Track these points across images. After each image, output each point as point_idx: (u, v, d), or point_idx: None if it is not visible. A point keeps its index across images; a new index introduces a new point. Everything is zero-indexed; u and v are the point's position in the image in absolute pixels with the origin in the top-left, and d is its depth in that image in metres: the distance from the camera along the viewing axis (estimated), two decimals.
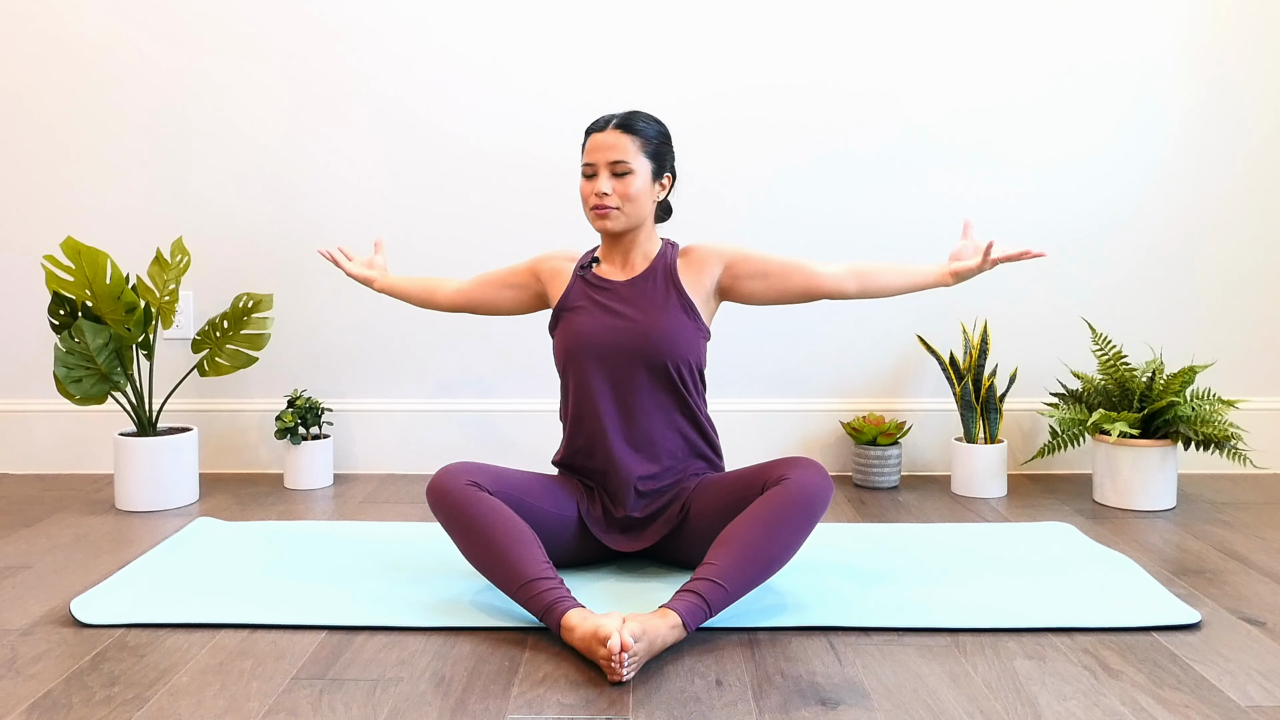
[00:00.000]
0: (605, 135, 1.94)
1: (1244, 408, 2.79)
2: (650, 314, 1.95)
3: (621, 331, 1.95)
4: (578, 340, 1.97)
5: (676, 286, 1.98)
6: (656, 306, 1.96)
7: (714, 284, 2.02)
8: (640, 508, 1.97)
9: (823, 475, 1.78)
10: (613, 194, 1.93)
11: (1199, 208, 2.85)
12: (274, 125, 2.85)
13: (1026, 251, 1.94)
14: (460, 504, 1.77)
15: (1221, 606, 1.82)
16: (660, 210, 2.07)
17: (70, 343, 2.43)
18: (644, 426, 1.96)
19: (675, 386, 1.96)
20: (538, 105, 2.83)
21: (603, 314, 1.97)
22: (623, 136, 1.93)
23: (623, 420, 1.96)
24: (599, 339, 1.95)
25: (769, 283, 2.01)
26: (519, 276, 2.13)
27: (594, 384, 1.96)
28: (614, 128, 1.94)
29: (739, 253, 2.03)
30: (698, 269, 2.01)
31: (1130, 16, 2.81)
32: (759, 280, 2.01)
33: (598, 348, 1.95)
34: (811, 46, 2.82)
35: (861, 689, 1.50)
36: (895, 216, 2.84)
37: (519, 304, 2.14)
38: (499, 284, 2.16)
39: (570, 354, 1.98)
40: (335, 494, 2.68)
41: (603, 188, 1.93)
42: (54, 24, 2.83)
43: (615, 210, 1.94)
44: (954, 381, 2.67)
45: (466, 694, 1.49)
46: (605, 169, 1.93)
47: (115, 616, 1.76)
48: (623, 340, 1.94)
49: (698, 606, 1.63)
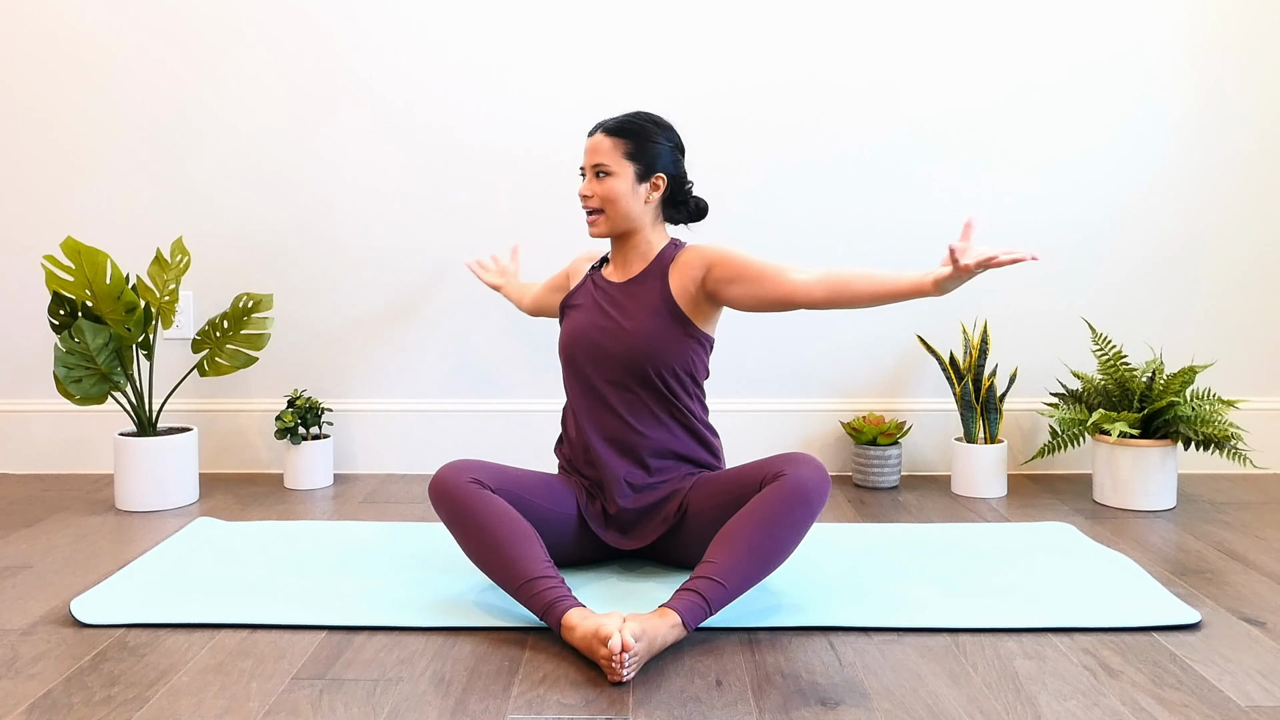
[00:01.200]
0: (592, 139, 1.99)
1: (1244, 408, 2.80)
2: (635, 318, 1.95)
3: (605, 333, 1.97)
4: (569, 337, 2.03)
5: (665, 290, 1.97)
6: (643, 310, 1.96)
7: (697, 287, 1.95)
8: (631, 499, 1.96)
9: (819, 470, 1.77)
10: (594, 196, 1.96)
11: (1199, 208, 2.85)
12: (275, 125, 2.84)
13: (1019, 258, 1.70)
14: (462, 501, 1.77)
15: (1221, 606, 1.82)
16: (683, 211, 2.05)
17: (70, 343, 2.43)
18: (626, 427, 1.96)
19: (659, 390, 1.96)
20: (538, 106, 2.82)
21: (595, 314, 2.01)
22: (605, 139, 1.96)
23: (604, 419, 1.98)
24: (586, 338, 1.99)
25: (744, 289, 1.91)
26: (559, 280, 2.30)
27: (580, 381, 2.01)
28: (601, 131, 1.98)
29: (722, 255, 1.94)
30: (683, 272, 1.96)
31: (1130, 16, 2.81)
32: (736, 285, 1.92)
33: (584, 347, 1.99)
34: (811, 46, 2.82)
35: (861, 689, 1.50)
36: (895, 216, 2.84)
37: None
38: (548, 287, 2.36)
39: (563, 350, 2.04)
40: (335, 494, 2.68)
41: (585, 190, 1.98)
42: (54, 24, 2.83)
43: (599, 213, 1.97)
44: (954, 381, 2.67)
45: (466, 694, 1.49)
46: (590, 171, 1.98)
47: (115, 616, 1.76)
48: (605, 342, 1.96)
49: (697, 605, 1.63)
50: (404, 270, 2.86)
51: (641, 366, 1.94)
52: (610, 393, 1.97)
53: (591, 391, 1.99)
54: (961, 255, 1.70)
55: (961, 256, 1.70)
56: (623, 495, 1.96)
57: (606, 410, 1.97)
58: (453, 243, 2.86)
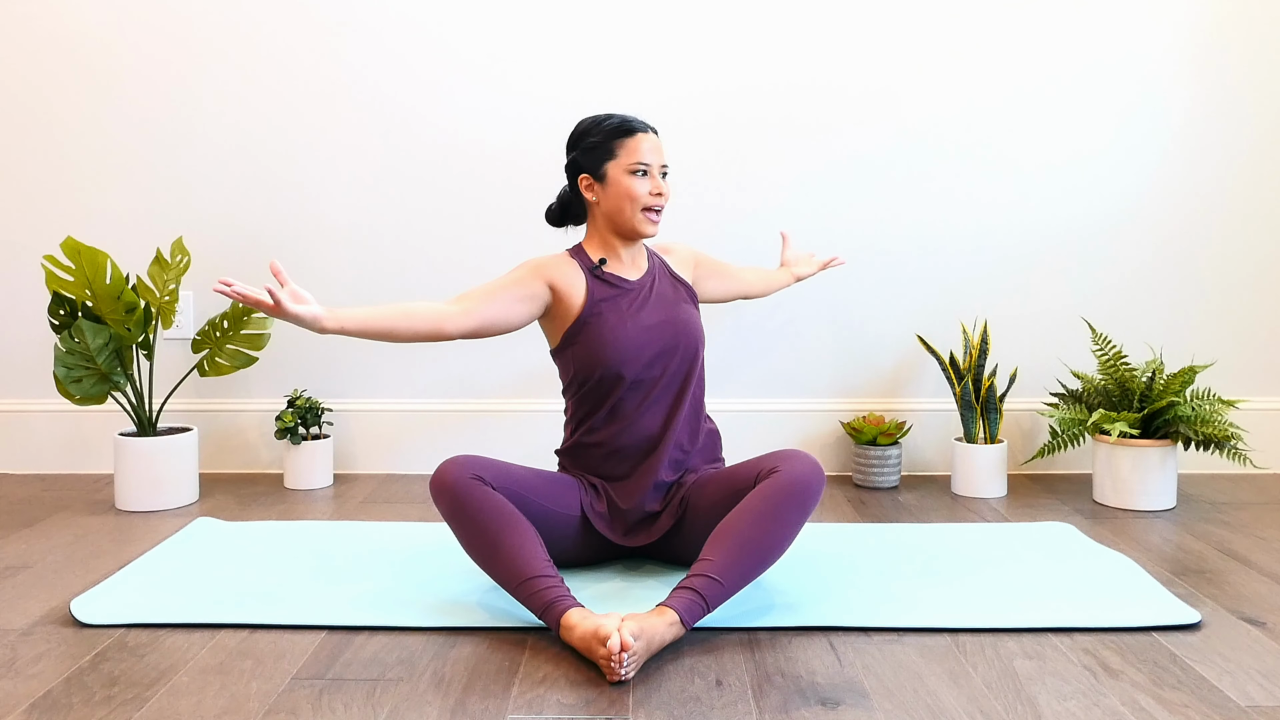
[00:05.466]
0: (653, 138, 1.98)
1: (1244, 408, 2.79)
2: (675, 309, 2.00)
3: (657, 329, 1.96)
4: (619, 343, 1.93)
5: (680, 281, 2.06)
6: (676, 301, 2.02)
7: (691, 279, 2.14)
8: (653, 502, 1.98)
9: (813, 466, 1.77)
10: (664, 194, 1.98)
11: (1199, 208, 2.85)
12: (275, 125, 2.84)
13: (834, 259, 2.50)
14: (463, 498, 1.76)
15: (1221, 606, 1.82)
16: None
17: (70, 343, 2.43)
18: (675, 422, 1.97)
19: (698, 379, 2.02)
20: (538, 105, 2.82)
21: (636, 314, 1.96)
22: (659, 140, 2.00)
23: (657, 418, 1.97)
24: (638, 339, 1.94)
25: (720, 283, 2.23)
26: (531, 288, 1.95)
27: (633, 385, 1.95)
28: (653, 131, 1.99)
29: (700, 253, 2.21)
30: (685, 264, 2.14)
31: (1130, 16, 2.81)
32: (715, 279, 2.22)
33: (639, 348, 1.94)
34: (811, 46, 2.82)
35: (861, 689, 1.50)
36: (895, 217, 2.84)
37: (530, 317, 1.98)
38: (512, 299, 1.94)
39: (612, 358, 1.92)
40: (335, 494, 2.68)
41: (658, 188, 1.96)
42: (54, 24, 2.83)
43: (658, 213, 1.99)
44: (954, 381, 2.67)
45: (466, 694, 1.49)
46: (658, 170, 1.97)
47: (115, 616, 1.76)
48: (662, 337, 1.96)
49: (695, 603, 1.63)
50: (404, 270, 2.86)
51: (693, 351, 1.99)
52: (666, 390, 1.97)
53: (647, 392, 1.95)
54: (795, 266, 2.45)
55: (796, 267, 2.45)
56: (649, 499, 1.97)
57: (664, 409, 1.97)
58: (453, 242, 2.86)
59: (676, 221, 2.71)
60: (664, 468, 1.97)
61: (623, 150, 1.94)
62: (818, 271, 2.50)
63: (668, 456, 1.97)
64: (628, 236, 1.99)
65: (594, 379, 1.95)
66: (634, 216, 1.95)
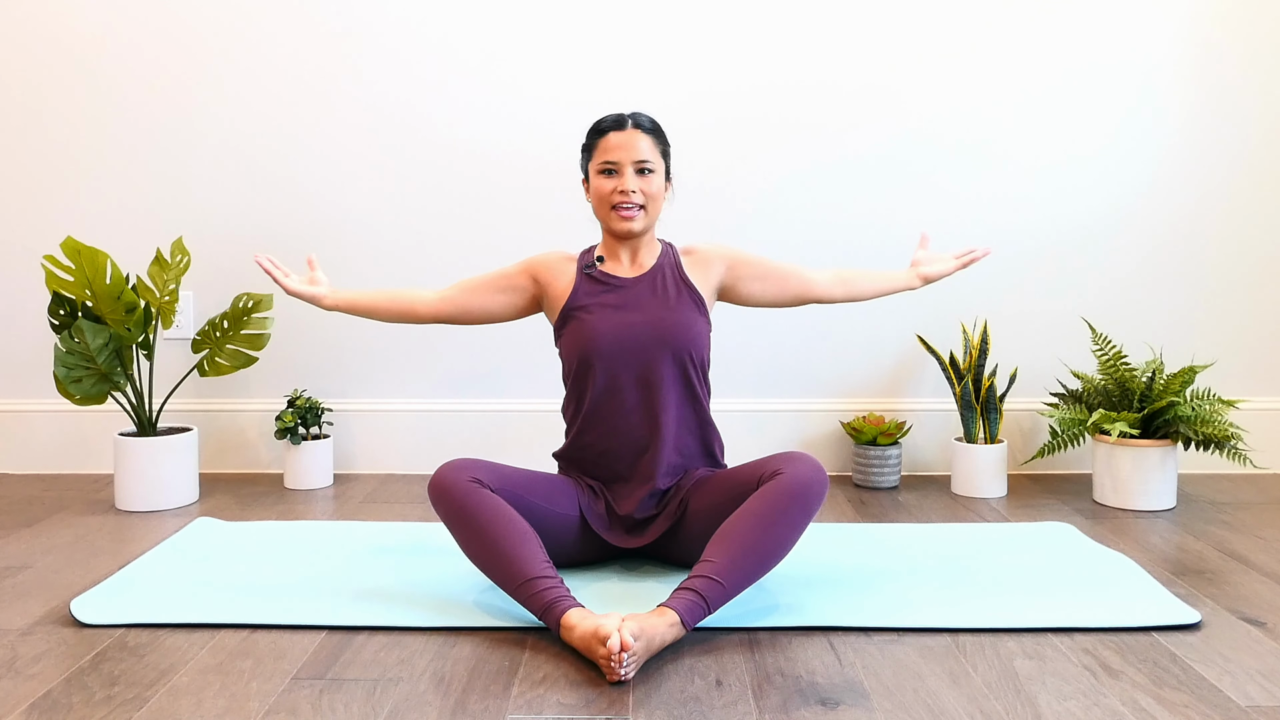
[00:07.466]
0: (626, 134, 1.96)
1: (1244, 408, 2.79)
2: (666, 310, 1.98)
3: (640, 328, 1.96)
4: (596, 340, 1.95)
5: (686, 283, 2.03)
6: (671, 302, 1.99)
7: (718, 282, 2.08)
8: (651, 507, 1.98)
9: (816, 468, 1.78)
10: (638, 192, 1.95)
11: (1199, 208, 2.85)
12: (275, 125, 2.85)
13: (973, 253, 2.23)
14: (462, 501, 1.77)
15: (1221, 606, 1.82)
16: None
17: (70, 343, 2.43)
18: (665, 425, 1.96)
19: (691, 383, 1.99)
20: (538, 105, 2.83)
21: (619, 312, 1.97)
22: (644, 136, 1.96)
23: (644, 419, 1.96)
24: (619, 337, 1.95)
25: (767, 285, 2.10)
26: (513, 280, 2.06)
27: (615, 383, 1.96)
28: (634, 127, 1.96)
29: (739, 254, 2.09)
30: (704, 267, 2.06)
31: (1130, 16, 2.81)
32: (759, 282, 2.10)
33: (618, 346, 1.95)
34: (811, 46, 2.82)
35: (861, 689, 1.50)
36: (895, 216, 2.84)
37: (513, 308, 2.08)
38: (490, 289, 2.06)
39: (588, 355, 1.95)
40: (335, 494, 2.68)
41: (630, 185, 1.94)
42: (54, 24, 2.83)
43: (640, 210, 1.96)
44: (954, 381, 2.67)
45: (466, 694, 1.49)
46: (630, 167, 1.95)
47: (115, 616, 1.76)
48: (642, 337, 1.95)
49: (696, 604, 1.63)
50: (404, 269, 2.86)
51: (682, 356, 1.96)
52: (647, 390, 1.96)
53: (627, 391, 1.95)
54: (926, 265, 2.20)
55: (926, 267, 2.20)
56: (642, 506, 1.97)
57: (644, 409, 1.96)
58: (453, 241, 2.86)
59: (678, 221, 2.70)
60: (661, 474, 1.96)
61: (596, 150, 1.98)
62: (955, 270, 2.21)
63: (665, 462, 1.96)
64: (614, 235, 2.01)
65: (574, 372, 2.00)
66: (606, 215, 1.98)
